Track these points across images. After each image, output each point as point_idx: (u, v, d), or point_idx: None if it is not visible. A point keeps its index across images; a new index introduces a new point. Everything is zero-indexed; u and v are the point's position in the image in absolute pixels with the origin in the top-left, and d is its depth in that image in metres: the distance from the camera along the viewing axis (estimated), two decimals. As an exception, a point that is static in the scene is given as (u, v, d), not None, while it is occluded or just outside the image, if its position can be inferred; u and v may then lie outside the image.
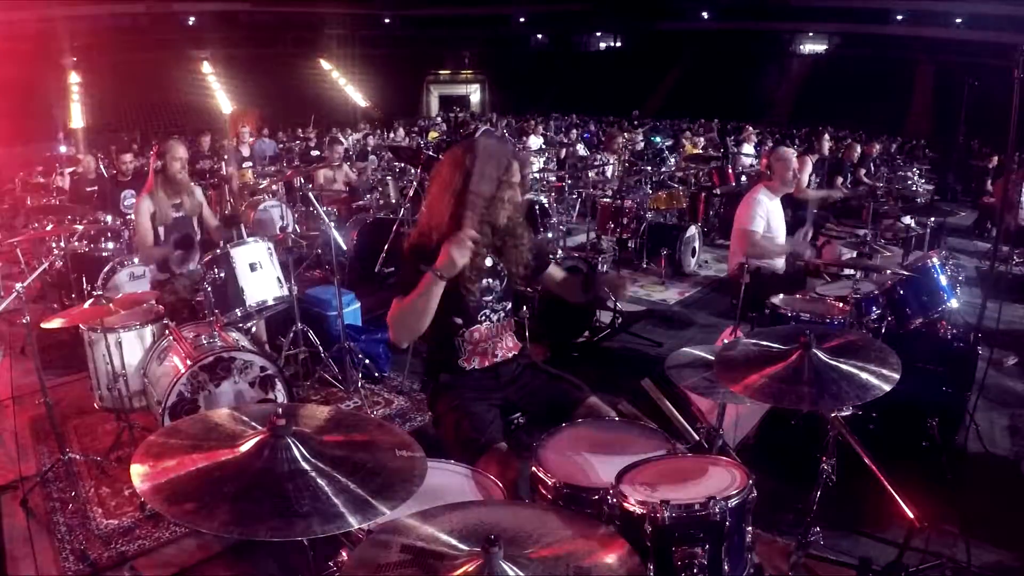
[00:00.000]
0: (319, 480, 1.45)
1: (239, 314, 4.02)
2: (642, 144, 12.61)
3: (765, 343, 2.32)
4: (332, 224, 4.87)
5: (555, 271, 2.90)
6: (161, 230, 4.43)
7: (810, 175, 7.23)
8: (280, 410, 1.56)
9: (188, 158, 4.67)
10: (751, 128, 14.08)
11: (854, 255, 5.19)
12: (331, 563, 1.95)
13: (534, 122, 19.35)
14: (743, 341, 2.40)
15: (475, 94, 39.05)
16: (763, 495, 1.93)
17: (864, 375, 2.10)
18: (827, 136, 9.83)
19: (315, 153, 11.69)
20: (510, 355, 2.69)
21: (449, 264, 2.31)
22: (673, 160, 11.18)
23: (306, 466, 1.48)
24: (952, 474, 3.18)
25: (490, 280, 2.61)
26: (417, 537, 1.44)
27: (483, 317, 2.61)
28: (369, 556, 1.41)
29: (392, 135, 18.51)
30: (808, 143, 12.08)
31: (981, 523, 2.98)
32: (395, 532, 1.47)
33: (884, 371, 2.12)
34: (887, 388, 2.06)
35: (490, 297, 2.62)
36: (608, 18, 38.06)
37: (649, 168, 8.87)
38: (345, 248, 6.51)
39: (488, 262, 2.59)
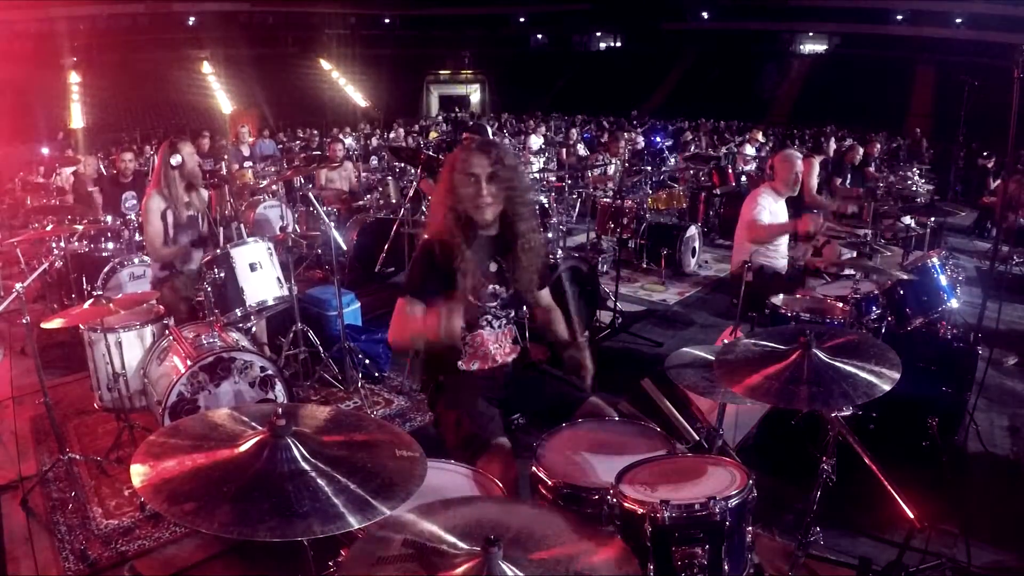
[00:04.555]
0: (319, 480, 1.45)
1: (239, 314, 4.02)
2: (642, 144, 12.62)
3: (765, 343, 2.32)
4: (332, 224, 4.87)
5: (544, 294, 2.85)
6: (172, 229, 4.33)
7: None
8: (280, 410, 1.56)
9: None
10: (759, 135, 14.01)
11: (854, 255, 5.19)
12: (331, 563, 1.95)
13: (533, 122, 19.36)
14: (743, 341, 2.40)
15: (475, 94, 39.04)
16: (763, 495, 1.93)
17: (864, 374, 2.10)
18: (833, 138, 9.77)
19: (316, 154, 11.69)
20: (509, 359, 2.69)
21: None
22: (673, 160, 11.18)
23: (306, 466, 1.48)
24: (952, 474, 3.18)
25: (496, 286, 2.59)
26: (417, 534, 1.44)
27: (485, 322, 2.61)
28: (368, 551, 1.41)
29: (392, 135, 18.51)
30: (815, 143, 12.03)
31: (981, 523, 2.98)
32: (395, 528, 1.47)
33: (884, 370, 2.11)
34: (887, 388, 2.05)
35: (495, 303, 2.60)
36: (608, 18, 38.06)
37: (649, 168, 8.87)
38: (345, 248, 6.52)
39: (492, 267, 2.57)
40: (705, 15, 36.44)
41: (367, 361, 4.70)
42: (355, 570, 1.41)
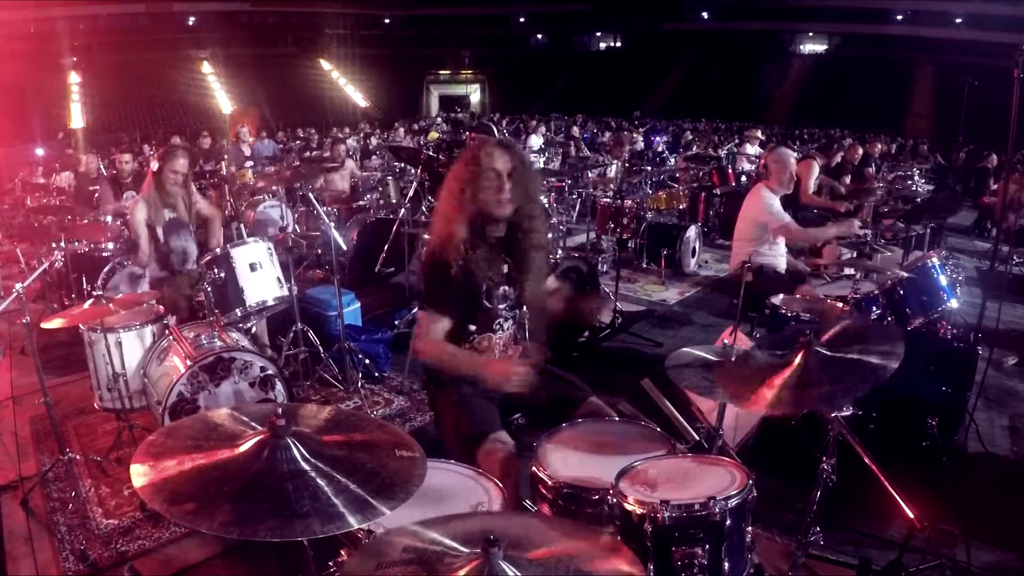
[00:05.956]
0: (319, 480, 1.45)
1: (239, 314, 4.02)
2: (642, 144, 12.62)
3: (768, 353, 2.29)
4: (332, 224, 4.87)
5: (549, 281, 2.85)
6: (159, 231, 4.40)
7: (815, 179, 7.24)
8: (280, 410, 1.56)
9: (189, 166, 4.58)
10: (758, 132, 14.01)
11: (854, 255, 5.19)
12: (331, 563, 1.95)
13: (533, 122, 19.36)
14: (742, 351, 2.38)
15: (475, 94, 39.06)
16: (763, 495, 1.93)
17: (869, 358, 2.08)
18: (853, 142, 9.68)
19: (316, 154, 11.70)
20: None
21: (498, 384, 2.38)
22: (673, 160, 11.19)
23: (306, 466, 1.48)
24: (952, 474, 3.18)
25: (506, 288, 2.58)
26: (418, 539, 1.44)
27: (497, 326, 2.60)
28: (369, 556, 1.41)
29: (392, 135, 18.51)
30: (829, 146, 11.95)
31: (981, 523, 2.98)
32: (396, 533, 1.47)
33: (887, 348, 2.09)
34: (895, 365, 2.03)
35: (504, 305, 2.60)
36: (608, 18, 38.08)
37: (649, 168, 8.87)
38: (345, 248, 6.52)
39: (504, 268, 2.56)
40: (705, 15, 36.45)
41: (367, 361, 4.70)
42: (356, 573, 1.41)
